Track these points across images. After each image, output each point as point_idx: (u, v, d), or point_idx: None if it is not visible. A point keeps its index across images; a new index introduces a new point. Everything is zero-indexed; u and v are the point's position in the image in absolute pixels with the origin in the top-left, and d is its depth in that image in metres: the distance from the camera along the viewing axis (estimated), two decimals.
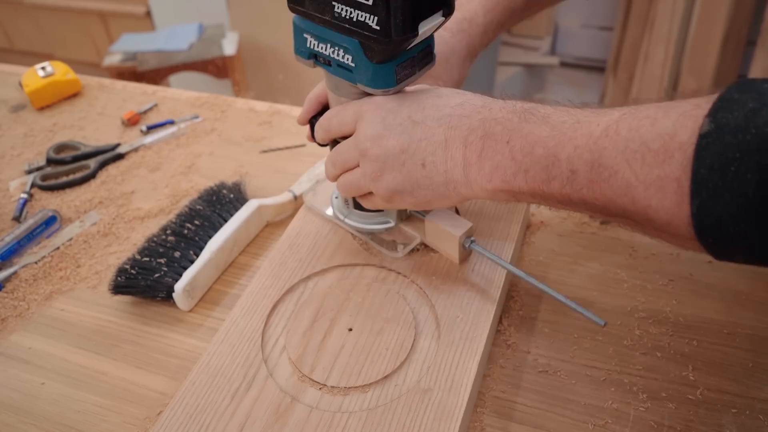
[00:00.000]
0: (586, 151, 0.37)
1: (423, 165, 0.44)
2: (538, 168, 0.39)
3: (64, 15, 2.43)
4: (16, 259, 0.65)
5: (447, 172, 0.43)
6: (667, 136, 0.33)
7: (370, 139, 0.45)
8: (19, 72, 0.99)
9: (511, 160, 0.41)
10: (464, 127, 0.42)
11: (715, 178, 0.31)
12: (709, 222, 0.32)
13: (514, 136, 0.41)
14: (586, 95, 2.44)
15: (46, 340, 0.56)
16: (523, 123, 0.41)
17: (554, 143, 0.39)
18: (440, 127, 0.43)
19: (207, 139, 0.81)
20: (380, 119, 0.45)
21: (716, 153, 0.31)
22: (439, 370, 0.45)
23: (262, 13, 2.01)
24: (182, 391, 0.46)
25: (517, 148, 0.40)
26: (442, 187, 0.44)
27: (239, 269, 0.62)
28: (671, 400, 0.46)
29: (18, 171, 0.79)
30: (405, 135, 0.44)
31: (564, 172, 0.38)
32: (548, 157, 0.39)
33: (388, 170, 0.45)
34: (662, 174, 0.33)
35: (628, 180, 0.35)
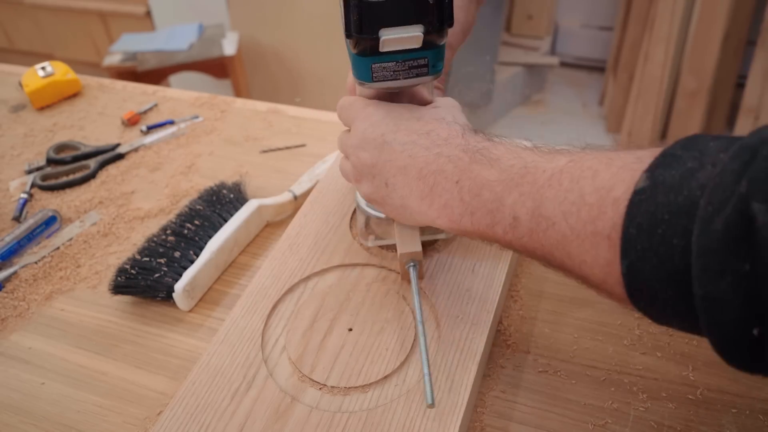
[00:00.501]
0: (529, 199, 0.37)
1: (386, 185, 0.45)
2: (483, 211, 0.39)
3: (64, 15, 2.43)
4: (16, 259, 0.65)
5: (404, 198, 0.44)
6: (604, 190, 0.32)
7: (353, 147, 0.47)
8: (19, 72, 0.99)
9: (459, 201, 0.41)
10: (421, 159, 0.43)
11: (642, 238, 0.30)
12: (639, 285, 0.31)
13: (463, 176, 0.41)
14: (586, 95, 2.44)
15: (46, 340, 0.56)
16: (473, 164, 0.40)
17: (501, 188, 0.38)
18: (403, 153, 0.44)
19: (207, 139, 0.81)
20: (362, 130, 0.46)
21: (647, 212, 0.30)
22: (439, 371, 0.45)
23: (262, 13, 2.01)
24: (182, 391, 0.46)
25: (465, 188, 0.40)
26: (401, 209, 0.45)
27: (239, 269, 0.62)
28: (671, 400, 0.46)
29: (18, 171, 0.79)
30: (376, 152, 0.45)
31: (507, 218, 0.38)
32: (494, 201, 0.39)
33: (363, 179, 0.47)
34: (595, 230, 0.33)
35: (564, 233, 0.34)
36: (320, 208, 0.60)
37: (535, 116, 2.34)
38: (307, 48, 2.02)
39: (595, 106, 2.37)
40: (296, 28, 1.99)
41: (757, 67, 1.79)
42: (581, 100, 2.42)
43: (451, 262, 0.54)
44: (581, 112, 2.36)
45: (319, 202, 0.61)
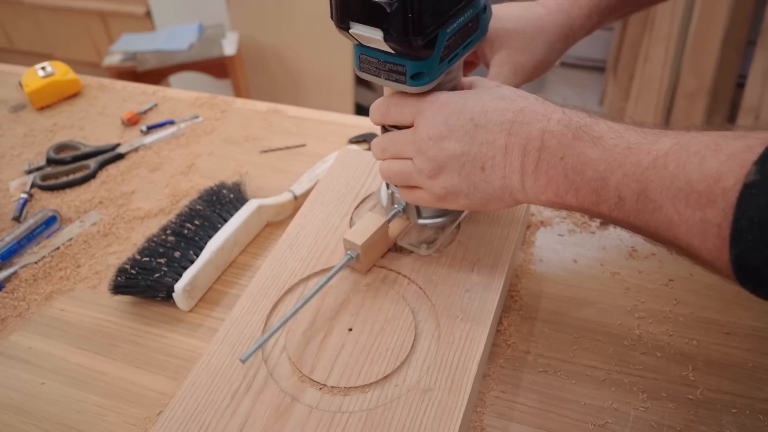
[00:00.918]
0: (634, 181, 0.37)
1: (482, 169, 0.44)
2: (588, 189, 0.40)
3: (64, 15, 2.43)
4: (16, 259, 0.65)
5: (505, 178, 0.43)
6: (712, 179, 0.33)
7: (432, 139, 0.44)
8: (19, 72, 0.99)
9: (563, 177, 0.41)
10: (524, 135, 0.42)
11: (754, 231, 0.31)
12: (749, 270, 0.32)
13: (567, 153, 0.40)
14: (586, 95, 2.44)
15: (46, 340, 0.56)
16: (576, 141, 0.40)
17: (604, 167, 0.38)
18: (501, 133, 0.43)
19: (207, 139, 0.81)
20: (443, 119, 0.44)
21: (758, 207, 0.31)
22: (439, 370, 0.45)
23: (262, 13, 2.01)
24: (182, 391, 0.46)
25: (570, 165, 0.40)
26: (498, 191, 0.44)
27: (239, 269, 0.62)
28: (671, 400, 0.46)
29: (18, 171, 0.79)
30: (467, 137, 0.43)
31: (612, 198, 0.38)
32: (598, 180, 0.39)
33: (446, 171, 0.44)
34: (704, 217, 0.33)
35: (671, 217, 0.35)
36: (320, 208, 0.60)
37: None
38: (307, 48, 2.02)
39: (595, 106, 2.37)
40: (296, 28, 1.99)
41: (757, 67, 1.78)
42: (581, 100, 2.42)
43: (451, 262, 0.54)
44: None
45: (319, 202, 0.61)
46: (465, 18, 0.44)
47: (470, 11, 0.44)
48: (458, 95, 0.45)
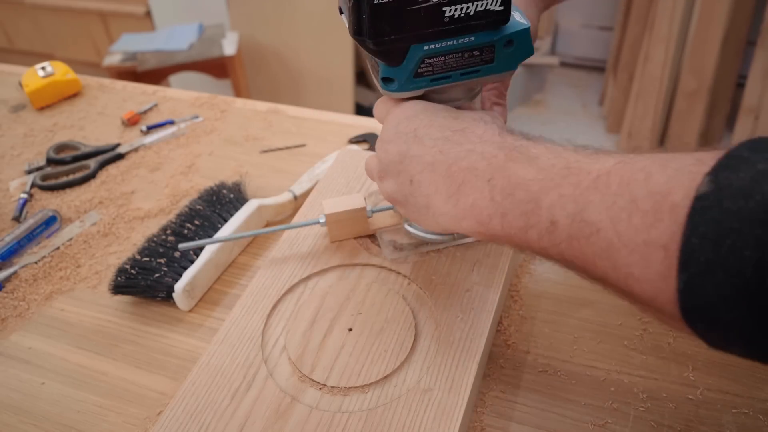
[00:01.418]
0: (570, 202, 0.33)
1: (410, 182, 0.42)
2: (516, 213, 0.36)
3: (64, 15, 2.43)
4: (16, 259, 0.65)
5: (428, 196, 0.41)
6: (659, 194, 0.29)
7: (383, 141, 0.45)
8: (19, 72, 0.99)
9: (489, 201, 0.38)
10: (452, 155, 0.40)
11: (707, 249, 0.27)
12: (698, 303, 0.28)
13: (497, 174, 0.38)
14: (586, 95, 2.44)
15: (46, 340, 0.56)
16: (509, 162, 0.37)
17: (538, 188, 0.35)
18: (433, 149, 0.41)
19: (207, 139, 0.81)
20: (395, 124, 0.44)
21: (712, 220, 0.27)
22: (439, 370, 0.45)
23: (262, 13, 2.01)
24: (182, 391, 0.46)
25: (498, 188, 0.37)
26: (423, 209, 0.42)
27: (239, 269, 0.62)
28: (671, 400, 0.46)
29: (18, 171, 0.79)
30: (405, 146, 0.42)
31: (543, 222, 0.35)
32: (529, 202, 0.36)
33: (388, 175, 0.44)
34: (648, 239, 0.29)
35: (611, 241, 0.31)
36: (320, 208, 0.60)
37: (535, 116, 2.34)
38: (307, 48, 2.02)
39: (595, 106, 2.37)
40: (296, 28, 1.99)
41: (757, 67, 1.78)
42: (581, 101, 2.42)
43: (451, 262, 0.54)
44: (581, 112, 2.36)
45: (319, 202, 0.61)
46: (460, 44, 0.42)
47: (470, 38, 0.42)
48: (423, 103, 0.44)
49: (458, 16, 0.41)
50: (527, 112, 2.37)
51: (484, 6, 0.41)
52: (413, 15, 0.40)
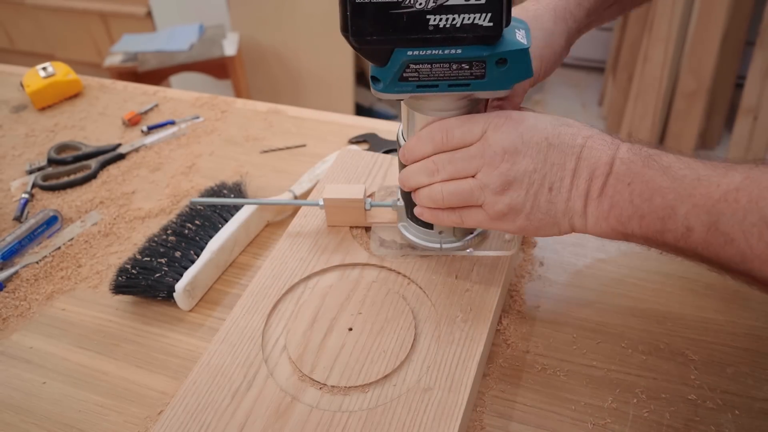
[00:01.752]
0: (704, 212, 0.37)
1: (550, 189, 0.43)
2: (654, 217, 0.40)
3: (65, 15, 2.43)
4: (18, 259, 0.65)
5: (569, 200, 0.43)
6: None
7: (507, 152, 0.43)
8: (21, 72, 0.99)
9: (629, 203, 0.41)
10: (593, 160, 0.42)
11: None
12: None
13: (636, 179, 0.41)
14: (585, 95, 2.44)
15: (47, 339, 0.56)
16: (645, 168, 0.41)
17: (673, 196, 0.38)
18: (572, 155, 0.43)
19: (207, 140, 0.81)
20: (518, 134, 0.43)
21: None
22: (439, 370, 0.45)
23: (262, 14, 2.01)
24: (183, 390, 0.46)
25: (637, 192, 0.40)
26: (560, 214, 0.44)
27: (240, 269, 0.62)
28: (671, 400, 0.47)
29: (19, 171, 0.79)
30: (540, 156, 0.43)
31: (679, 228, 0.38)
32: (665, 208, 0.39)
33: (515, 187, 0.44)
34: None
35: (744, 252, 0.35)
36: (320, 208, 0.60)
37: None
38: (307, 48, 2.02)
39: (594, 107, 2.37)
40: (296, 28, 2.00)
41: (756, 68, 1.79)
42: (581, 101, 2.42)
43: (451, 262, 0.54)
44: (581, 112, 2.36)
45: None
46: (447, 55, 0.41)
47: (457, 50, 0.41)
48: (530, 114, 0.45)
49: (443, 26, 0.40)
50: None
51: (472, 20, 0.39)
52: (396, 19, 0.39)
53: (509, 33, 0.42)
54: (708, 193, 0.37)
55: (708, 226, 0.37)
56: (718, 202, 0.36)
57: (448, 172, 0.45)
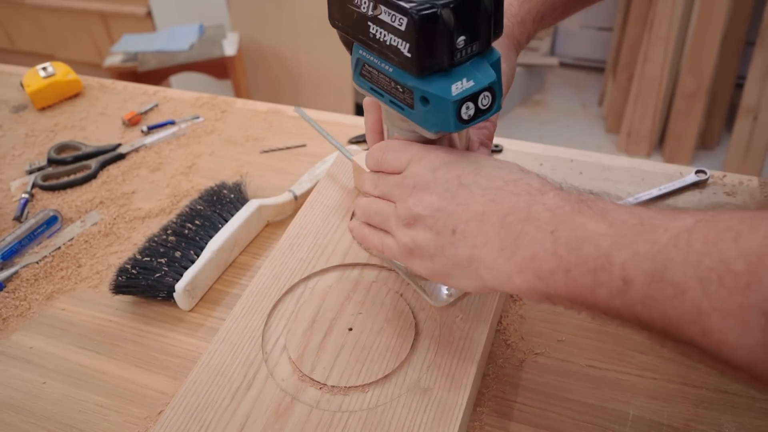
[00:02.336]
0: (647, 260, 0.31)
1: (453, 232, 0.39)
2: (583, 269, 0.33)
3: (65, 15, 2.44)
4: (18, 259, 0.65)
5: (475, 248, 0.38)
6: (754, 256, 0.27)
7: (416, 187, 0.41)
8: (21, 72, 0.99)
9: (551, 254, 0.34)
10: (507, 205, 0.37)
11: None
12: None
13: (561, 227, 0.35)
14: (585, 96, 2.44)
15: (47, 339, 0.56)
16: (575, 214, 0.35)
17: (609, 243, 0.32)
18: (483, 197, 0.38)
19: (207, 140, 0.81)
20: (432, 168, 0.41)
21: None
22: (439, 370, 0.46)
23: (262, 14, 2.01)
24: (183, 390, 0.46)
25: (562, 241, 0.34)
26: (464, 263, 0.39)
27: (240, 269, 0.62)
28: (671, 400, 0.47)
29: (19, 171, 0.79)
30: (447, 194, 0.39)
31: (614, 281, 0.32)
32: (598, 258, 0.33)
33: (420, 224, 0.40)
34: (745, 303, 0.27)
35: (699, 304, 0.29)
36: (320, 208, 0.60)
37: (535, 116, 2.34)
38: (307, 48, 2.02)
39: (594, 107, 2.38)
40: (296, 28, 2.00)
41: (755, 68, 1.79)
42: (580, 101, 2.42)
43: None
44: (580, 112, 2.36)
45: (319, 202, 0.61)
46: (382, 68, 0.40)
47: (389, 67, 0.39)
48: (461, 153, 0.42)
49: (378, 38, 0.38)
50: (527, 113, 2.37)
51: (396, 43, 0.37)
52: (350, 14, 0.39)
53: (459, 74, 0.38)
54: (653, 238, 0.31)
55: (651, 276, 0.30)
56: (666, 247, 0.30)
57: (380, 191, 0.44)
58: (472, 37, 0.37)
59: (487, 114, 0.39)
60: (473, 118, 0.39)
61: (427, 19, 0.35)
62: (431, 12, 0.35)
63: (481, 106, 0.38)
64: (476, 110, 0.38)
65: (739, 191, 0.65)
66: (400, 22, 0.36)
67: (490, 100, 0.39)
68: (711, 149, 2.08)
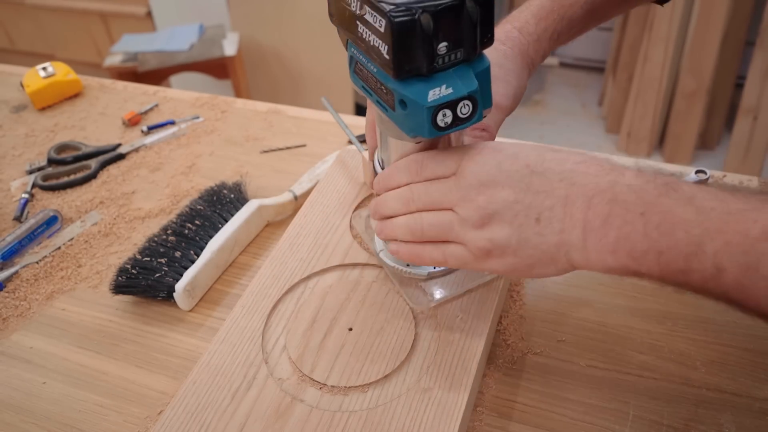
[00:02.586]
0: (740, 252, 0.32)
1: (537, 220, 0.38)
2: (675, 253, 0.34)
3: (65, 15, 2.44)
4: (18, 259, 0.65)
5: (563, 232, 0.37)
6: None
7: (483, 184, 0.39)
8: (21, 72, 0.99)
9: (643, 236, 0.34)
10: (590, 186, 0.37)
11: None
12: None
13: (650, 209, 0.34)
14: (585, 96, 2.44)
15: (47, 339, 0.56)
16: (662, 197, 0.35)
17: (699, 231, 0.33)
18: (562, 182, 0.38)
19: (207, 140, 0.81)
20: (496, 163, 0.39)
21: None
22: (439, 370, 0.45)
23: (262, 14, 2.01)
24: (183, 390, 0.46)
25: (653, 223, 0.34)
26: (553, 249, 0.38)
27: (240, 269, 0.62)
28: (671, 400, 0.47)
29: (19, 171, 0.79)
30: (522, 184, 0.38)
31: (708, 269, 0.33)
32: (690, 244, 0.33)
33: (496, 221, 0.39)
34: None
35: None
36: (320, 208, 0.60)
37: (535, 116, 2.34)
38: (307, 48, 2.02)
39: (594, 107, 2.38)
40: (296, 28, 2.00)
41: (755, 68, 1.79)
42: (580, 101, 2.42)
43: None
44: (581, 112, 2.36)
45: (320, 202, 0.61)
46: (369, 67, 0.40)
47: (374, 67, 0.39)
48: (510, 143, 0.41)
49: (365, 38, 0.38)
50: (527, 112, 2.37)
51: (378, 44, 0.37)
52: (343, 11, 0.39)
53: (440, 80, 0.37)
54: (743, 229, 0.32)
55: (746, 268, 0.32)
56: (758, 240, 0.31)
57: (423, 202, 0.42)
58: (455, 44, 0.36)
59: (467, 123, 0.39)
60: (450, 126, 0.38)
61: (405, 24, 0.34)
62: (408, 18, 0.34)
63: (460, 115, 0.38)
64: (455, 118, 0.38)
65: None
66: (380, 23, 0.36)
67: (470, 109, 0.38)
68: (711, 149, 2.08)
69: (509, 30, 0.52)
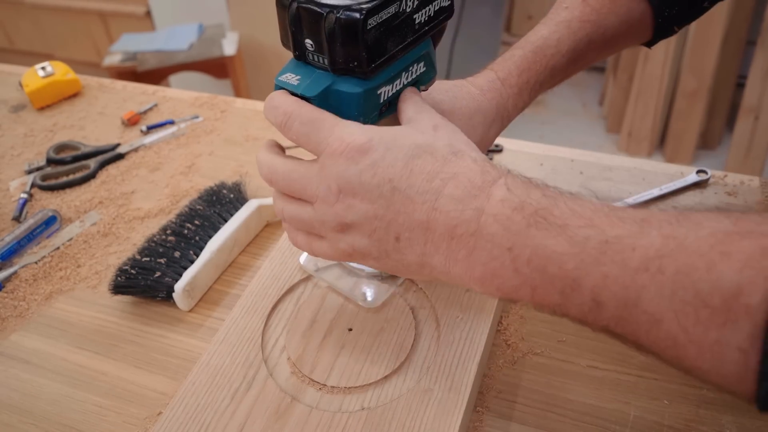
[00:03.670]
0: (619, 287, 0.29)
1: (397, 239, 0.36)
2: (549, 289, 0.32)
3: (64, 15, 2.43)
4: (16, 259, 0.65)
5: (425, 255, 0.36)
6: (729, 293, 0.26)
7: (341, 191, 0.36)
8: (19, 72, 0.99)
9: (513, 272, 0.33)
10: (452, 213, 0.34)
11: None
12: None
13: (518, 242, 0.32)
14: (586, 95, 2.44)
15: (46, 340, 0.56)
16: (531, 228, 0.32)
17: (574, 264, 0.31)
18: (424, 204, 0.35)
19: (207, 139, 0.81)
20: (357, 171, 0.36)
21: None
22: (439, 370, 0.45)
23: (262, 13, 2.01)
24: (182, 390, 0.46)
25: (522, 258, 0.32)
26: (414, 267, 0.37)
27: (239, 269, 0.62)
28: (671, 400, 0.46)
29: (18, 171, 0.79)
30: (381, 201, 0.36)
31: (586, 303, 0.31)
32: (564, 279, 0.31)
33: (354, 230, 0.37)
34: (721, 339, 0.27)
35: (675, 335, 0.28)
36: None
37: (535, 116, 2.34)
38: None
39: (594, 106, 2.37)
40: None
41: (756, 67, 1.79)
42: (581, 100, 2.42)
43: None
44: (581, 112, 2.36)
45: None
46: None
47: None
48: (380, 141, 0.36)
49: None
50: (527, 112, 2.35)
51: None
52: None
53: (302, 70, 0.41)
54: (621, 260, 0.29)
55: (624, 303, 0.29)
56: (637, 273, 0.29)
57: (281, 186, 0.40)
58: (317, 46, 0.38)
59: None
60: None
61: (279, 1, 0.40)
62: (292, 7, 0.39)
63: None
64: None
65: (740, 191, 0.65)
66: None
67: None
68: (712, 149, 2.08)
69: (493, 80, 0.51)
